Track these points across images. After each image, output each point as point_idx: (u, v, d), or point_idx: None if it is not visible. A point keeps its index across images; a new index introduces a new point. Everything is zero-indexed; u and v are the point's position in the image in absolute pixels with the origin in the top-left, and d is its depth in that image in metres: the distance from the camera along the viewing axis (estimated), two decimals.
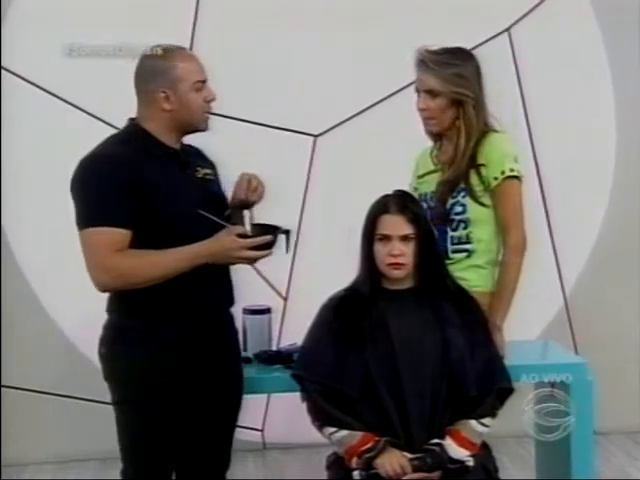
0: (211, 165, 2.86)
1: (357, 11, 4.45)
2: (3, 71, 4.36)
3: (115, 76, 4.32)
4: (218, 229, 2.62)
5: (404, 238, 2.73)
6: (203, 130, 2.75)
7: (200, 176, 2.75)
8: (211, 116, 2.76)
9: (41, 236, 4.38)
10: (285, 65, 4.45)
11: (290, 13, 4.41)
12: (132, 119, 2.74)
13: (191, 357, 2.67)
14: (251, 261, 2.67)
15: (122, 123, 4.22)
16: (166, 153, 2.68)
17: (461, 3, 4.49)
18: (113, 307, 2.71)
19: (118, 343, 2.69)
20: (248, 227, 2.62)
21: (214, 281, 2.69)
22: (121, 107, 4.26)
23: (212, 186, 2.80)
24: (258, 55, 4.38)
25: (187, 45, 4.04)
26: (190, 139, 2.82)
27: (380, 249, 2.75)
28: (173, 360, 2.64)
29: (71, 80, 4.36)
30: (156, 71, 2.67)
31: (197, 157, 2.82)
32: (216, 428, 2.80)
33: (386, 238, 2.74)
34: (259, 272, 4.20)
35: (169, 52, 2.71)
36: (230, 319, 2.87)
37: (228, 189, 2.91)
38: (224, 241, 2.58)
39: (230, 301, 2.84)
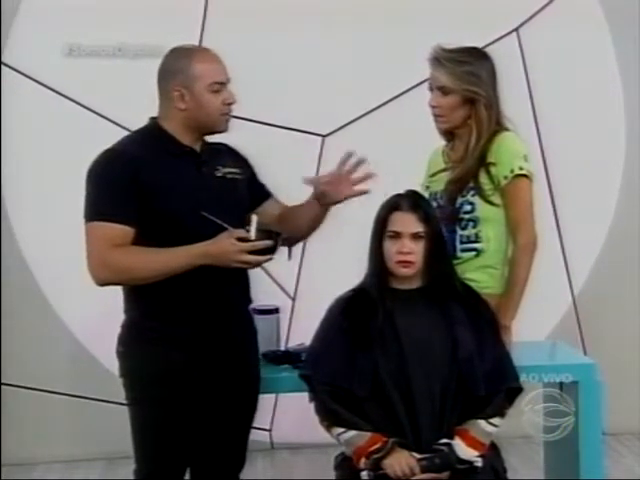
0: (240, 164, 2.85)
1: (366, 11, 4.45)
2: (4, 67, 4.37)
3: (115, 75, 4.37)
4: (225, 231, 2.61)
5: (414, 236, 2.73)
6: (222, 131, 2.75)
7: (220, 175, 2.74)
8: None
9: (46, 233, 4.39)
10: (293, 65, 4.46)
11: (299, 12, 4.42)
12: (153, 118, 2.75)
13: (206, 357, 2.68)
14: (250, 265, 2.65)
15: (123, 121, 4.29)
16: (182, 152, 2.69)
17: (469, 3, 4.49)
18: (130, 307, 2.73)
19: (135, 342, 2.70)
20: (253, 232, 2.62)
21: (229, 281, 2.68)
22: (122, 105, 4.33)
23: (235, 185, 2.78)
24: (266, 55, 4.38)
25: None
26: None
27: (390, 246, 2.74)
28: (188, 360, 2.65)
29: (72, 78, 4.39)
30: (174, 70, 2.68)
31: (223, 156, 2.80)
32: (231, 428, 2.80)
33: (396, 235, 2.73)
34: (267, 272, 4.20)
35: (189, 51, 2.73)
36: (247, 319, 2.87)
37: None
38: (223, 243, 2.56)
39: (246, 301, 2.85)
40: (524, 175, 2.94)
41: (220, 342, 2.71)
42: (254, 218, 2.64)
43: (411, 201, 2.78)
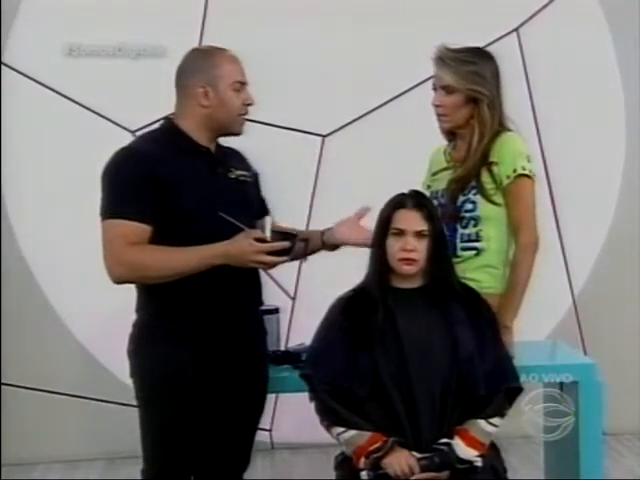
0: (249, 169, 2.86)
1: (366, 11, 4.45)
2: (4, 67, 4.38)
3: (115, 75, 4.38)
4: (241, 231, 2.61)
5: (418, 234, 2.73)
6: (237, 134, 2.77)
7: (233, 177, 2.75)
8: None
9: (46, 233, 4.40)
10: (293, 65, 4.46)
11: (299, 12, 4.42)
12: (168, 117, 2.76)
13: (216, 357, 2.67)
14: (267, 266, 2.66)
15: (123, 121, 4.29)
16: (197, 151, 2.70)
17: (469, 3, 4.49)
18: (141, 306, 2.73)
19: (145, 341, 2.70)
20: (268, 233, 2.62)
21: (242, 282, 2.68)
22: (122, 105, 4.33)
23: (246, 188, 2.79)
24: (266, 55, 4.38)
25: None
26: None
27: (393, 244, 2.74)
28: (198, 359, 2.65)
29: (72, 78, 4.39)
30: (198, 68, 2.70)
31: (235, 159, 2.82)
32: (238, 428, 2.81)
33: (400, 233, 2.73)
34: (267, 272, 4.20)
35: (212, 51, 2.76)
36: (258, 320, 2.87)
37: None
38: (241, 244, 2.57)
39: (257, 302, 2.85)
40: (527, 175, 2.94)
41: (232, 343, 2.70)
42: (268, 220, 2.64)
43: (415, 199, 2.78)
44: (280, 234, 2.63)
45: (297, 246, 2.64)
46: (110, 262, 2.60)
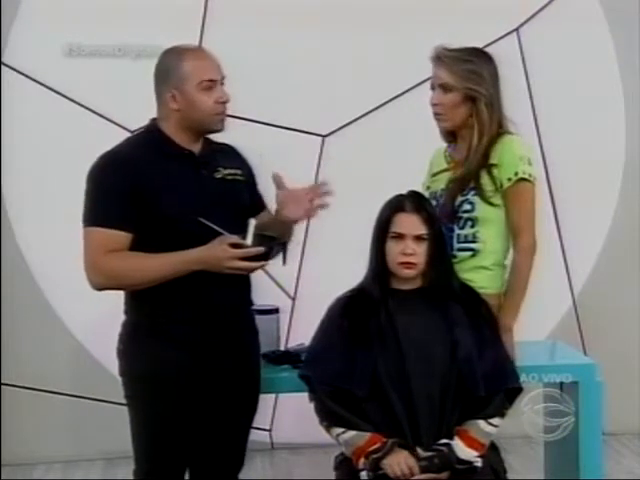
0: (242, 166, 2.83)
1: (368, 11, 4.45)
2: (4, 67, 4.37)
3: (115, 76, 4.38)
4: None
5: (418, 238, 2.73)
6: (218, 131, 2.73)
7: (220, 177, 2.72)
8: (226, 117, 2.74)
9: (46, 233, 4.39)
10: (293, 65, 4.46)
11: (299, 12, 4.41)
12: (153, 119, 2.74)
13: (204, 357, 2.67)
14: (244, 271, 2.63)
15: (123, 121, 4.28)
16: (180, 154, 2.67)
17: (470, 3, 4.49)
18: (128, 306, 2.73)
19: (133, 341, 2.71)
20: (250, 237, 2.60)
21: (228, 280, 2.65)
22: (122, 106, 4.33)
23: (235, 187, 2.76)
24: (266, 55, 4.38)
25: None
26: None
27: (393, 247, 2.74)
28: (186, 359, 2.65)
29: (72, 78, 4.39)
30: (165, 71, 2.67)
31: (224, 157, 2.78)
32: (230, 428, 2.80)
33: (400, 236, 2.73)
34: (267, 272, 4.20)
35: (179, 51, 2.70)
36: (248, 319, 2.85)
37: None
38: (215, 250, 2.55)
39: (246, 302, 2.83)
40: (527, 179, 2.94)
41: (220, 341, 2.70)
42: (252, 222, 2.62)
43: (415, 202, 2.78)
44: (260, 238, 2.61)
45: (276, 250, 2.62)
46: (89, 270, 2.60)
